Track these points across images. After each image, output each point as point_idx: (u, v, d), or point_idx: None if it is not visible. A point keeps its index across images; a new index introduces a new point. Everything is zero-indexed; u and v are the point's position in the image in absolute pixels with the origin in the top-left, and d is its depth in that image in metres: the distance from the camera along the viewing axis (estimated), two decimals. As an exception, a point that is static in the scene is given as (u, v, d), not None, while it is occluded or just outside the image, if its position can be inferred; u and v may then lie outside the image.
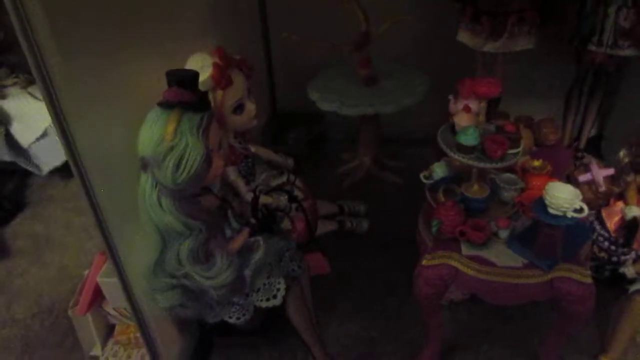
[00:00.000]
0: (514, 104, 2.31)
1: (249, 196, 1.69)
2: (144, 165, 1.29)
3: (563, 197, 1.25)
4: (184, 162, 1.25)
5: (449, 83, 1.62)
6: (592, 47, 2.03)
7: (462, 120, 1.50)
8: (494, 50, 2.11)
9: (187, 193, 1.32)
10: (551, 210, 1.28)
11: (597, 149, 2.38)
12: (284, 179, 1.88)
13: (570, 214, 1.26)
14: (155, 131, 1.25)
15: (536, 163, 1.56)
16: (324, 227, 2.03)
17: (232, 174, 1.69)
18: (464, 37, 2.15)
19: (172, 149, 1.24)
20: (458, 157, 1.45)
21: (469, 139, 1.42)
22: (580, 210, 1.25)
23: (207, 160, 1.28)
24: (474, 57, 2.23)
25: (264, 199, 1.75)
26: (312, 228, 1.84)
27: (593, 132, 2.39)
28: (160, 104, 1.28)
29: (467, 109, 1.50)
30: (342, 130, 2.72)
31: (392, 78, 2.31)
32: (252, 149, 1.79)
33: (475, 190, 1.50)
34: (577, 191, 1.26)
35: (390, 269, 2.01)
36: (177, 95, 1.28)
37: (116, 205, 1.32)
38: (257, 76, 2.53)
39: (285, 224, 1.79)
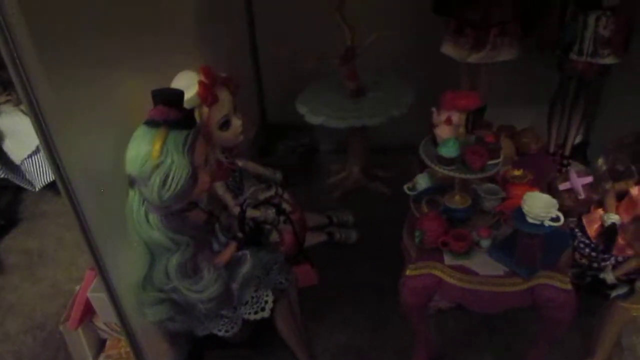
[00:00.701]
0: (498, 113, 2.35)
1: (236, 210, 1.71)
2: (131, 182, 1.33)
3: (540, 206, 1.29)
4: (169, 179, 1.27)
5: (435, 94, 1.65)
6: (574, 56, 2.07)
7: (443, 132, 1.54)
8: (477, 62, 2.15)
9: (174, 209, 1.35)
10: (529, 219, 1.31)
11: (583, 155, 2.42)
12: (272, 192, 1.90)
13: (547, 223, 1.29)
14: (141, 149, 1.28)
15: (516, 173, 1.59)
16: (313, 239, 2.06)
17: (220, 189, 1.72)
18: (448, 49, 2.19)
19: (158, 166, 1.27)
20: (439, 169, 1.49)
21: (449, 150, 1.46)
22: (557, 218, 1.29)
23: (193, 176, 1.31)
24: (459, 68, 2.27)
25: (251, 213, 1.78)
26: (300, 240, 1.87)
27: (579, 139, 2.43)
28: (147, 123, 1.32)
29: (448, 121, 1.54)
30: (332, 141, 2.76)
31: (380, 90, 2.34)
32: (240, 163, 1.82)
33: (457, 201, 1.53)
34: (553, 200, 1.29)
35: (379, 279, 2.04)
36: (163, 114, 1.31)
37: (104, 221, 1.35)
38: (246, 89, 2.58)
39: (274, 237, 1.82)
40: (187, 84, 1.52)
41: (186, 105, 1.49)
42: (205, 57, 1.93)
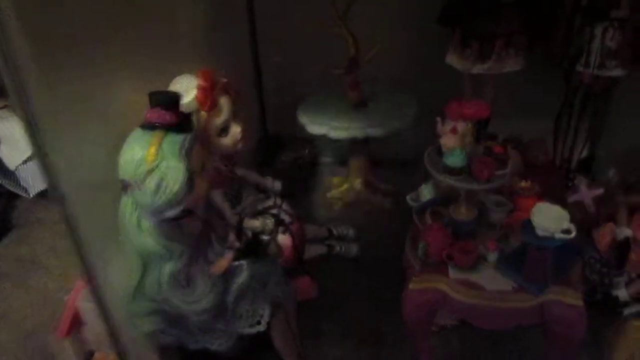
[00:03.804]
0: (504, 125, 2.29)
1: (234, 220, 1.66)
2: (125, 187, 1.27)
3: (551, 218, 1.23)
4: (164, 184, 1.22)
5: (439, 105, 1.61)
6: (580, 68, 2.03)
7: (449, 142, 1.49)
8: (482, 72, 2.12)
9: (169, 216, 1.29)
10: (539, 232, 1.26)
11: (588, 170, 2.36)
12: (270, 202, 1.85)
13: (558, 235, 1.24)
14: (136, 152, 1.23)
15: (524, 184, 1.54)
16: (313, 251, 2.00)
17: (218, 198, 1.66)
18: (452, 59, 2.16)
19: (152, 170, 1.22)
20: (445, 179, 1.43)
21: (455, 160, 1.41)
22: (568, 231, 1.23)
23: (189, 182, 1.26)
24: (463, 79, 2.23)
25: (249, 223, 1.72)
26: (299, 252, 1.81)
27: (585, 153, 2.37)
28: (142, 126, 1.27)
29: (454, 130, 1.49)
30: (334, 153, 2.71)
31: (383, 101, 2.30)
32: (239, 172, 1.77)
33: (462, 213, 1.48)
34: (565, 212, 1.24)
35: (380, 293, 1.97)
36: (160, 117, 1.26)
37: (96, 229, 1.29)
38: (248, 99, 2.55)
39: (272, 248, 1.76)
40: (186, 87, 1.48)
41: (184, 109, 1.46)
42: (205, 63, 1.90)
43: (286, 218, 1.82)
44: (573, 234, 1.23)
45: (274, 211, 1.82)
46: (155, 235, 1.29)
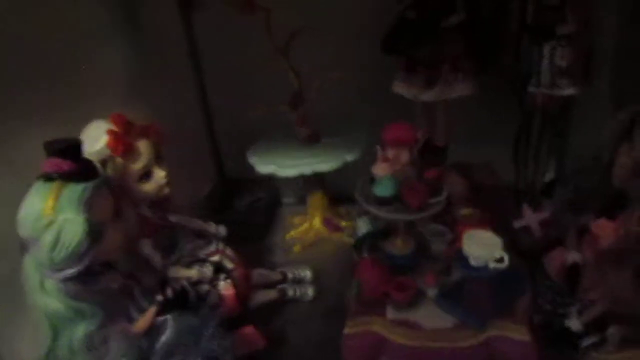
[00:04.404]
0: (462, 153, 2.23)
1: (165, 270, 1.56)
2: (25, 245, 1.18)
3: (480, 245, 1.13)
4: (61, 239, 1.13)
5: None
6: (532, 89, 1.97)
7: (379, 170, 1.40)
8: (431, 99, 2.05)
9: (71, 274, 1.19)
10: (472, 262, 1.15)
11: (552, 193, 2.26)
12: (212, 248, 1.75)
13: (492, 265, 1.13)
14: (34, 207, 1.15)
15: (465, 211, 1.44)
16: (262, 297, 1.88)
17: (146, 247, 1.56)
18: (399, 88, 2.09)
19: (50, 225, 1.13)
20: (374, 210, 1.33)
21: (384, 189, 1.32)
22: (501, 259, 1.12)
23: (92, 235, 1.17)
24: (414, 107, 2.16)
25: (184, 272, 1.62)
26: (243, 300, 1.70)
27: (550, 175, 2.27)
28: (41, 177, 1.19)
29: (384, 158, 1.40)
30: (294, 193, 2.62)
31: (335, 135, 2.23)
32: (173, 218, 1.67)
33: (399, 246, 1.38)
34: (496, 238, 1.14)
35: (338, 336, 1.83)
36: (56, 166, 1.18)
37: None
38: (198, 142, 2.48)
39: (212, 298, 1.65)
40: (98, 133, 1.40)
41: (96, 156, 1.38)
42: (140, 110, 1.84)
43: (229, 265, 1.72)
44: (505, 263, 1.12)
45: (216, 258, 1.73)
46: (60, 296, 1.19)
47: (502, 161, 2.20)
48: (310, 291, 1.98)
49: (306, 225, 2.37)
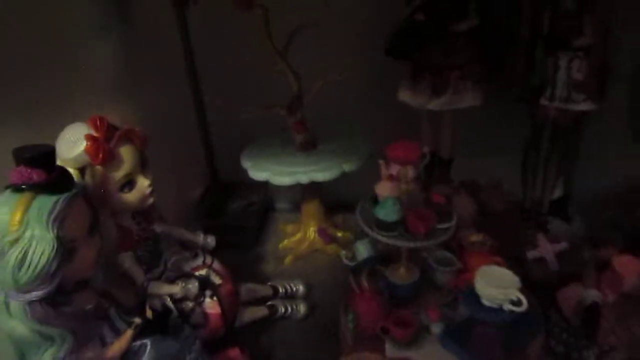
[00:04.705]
0: (467, 166, 2.12)
1: (146, 286, 1.44)
2: (-13, 262, 1.06)
3: (496, 285, 1.01)
4: (28, 257, 1.02)
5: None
6: (545, 102, 1.85)
7: (383, 190, 1.29)
8: (438, 108, 1.92)
9: (38, 296, 1.07)
10: (485, 302, 1.03)
11: (564, 211, 2.14)
12: (199, 262, 1.64)
13: (506, 307, 1.01)
14: (-1, 220, 1.02)
15: (474, 238, 1.32)
16: (252, 314, 1.76)
17: (127, 261, 1.44)
18: (405, 95, 1.97)
19: (16, 241, 1.02)
20: (377, 236, 1.22)
21: (387, 213, 1.20)
22: (519, 302, 1.00)
23: (63, 253, 1.05)
24: (420, 117, 2.04)
25: (167, 289, 1.50)
26: (229, 319, 1.58)
27: (558, 192, 2.16)
28: (10, 187, 1.07)
29: (390, 177, 1.28)
30: (289, 199, 2.51)
31: (333, 142, 2.12)
32: (158, 229, 1.55)
33: (402, 275, 1.26)
34: (515, 278, 1.02)
35: (331, 358, 1.72)
36: (24, 176, 1.06)
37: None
38: (192, 145, 2.35)
39: (196, 317, 1.53)
40: (76, 137, 1.28)
41: (73, 163, 1.26)
42: (130, 109, 1.72)
43: (216, 280, 1.61)
44: (524, 307, 1.00)
45: (202, 272, 1.61)
46: (26, 319, 1.07)
47: (509, 176, 2.09)
48: (302, 308, 1.86)
49: (300, 235, 2.25)
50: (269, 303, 1.85)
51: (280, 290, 1.93)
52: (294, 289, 1.95)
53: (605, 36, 1.80)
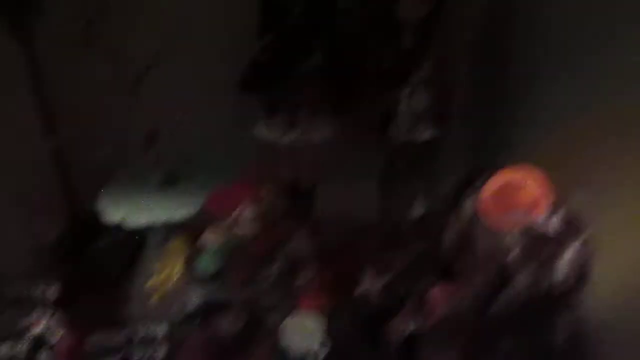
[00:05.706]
0: (330, 195, 2.17)
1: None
2: None
3: (301, 335, 1.02)
4: None
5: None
6: (391, 132, 1.94)
7: (209, 238, 1.27)
8: (292, 142, 1.97)
9: None
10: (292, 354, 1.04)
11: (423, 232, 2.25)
12: (31, 319, 1.54)
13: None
14: None
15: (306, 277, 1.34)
16: (100, 367, 1.68)
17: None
18: (261, 130, 2.00)
19: None
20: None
21: (206, 265, 1.19)
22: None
23: None
24: (276, 150, 2.07)
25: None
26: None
27: (419, 211, 2.26)
28: None
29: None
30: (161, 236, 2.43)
31: (194, 179, 2.09)
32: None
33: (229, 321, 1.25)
34: (316, 324, 1.03)
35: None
36: None
37: None
38: (44, 176, 2.21)
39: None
40: None
41: None
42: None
43: (54, 336, 1.52)
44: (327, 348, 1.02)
45: (37, 329, 1.52)
46: None
47: (371, 199, 2.17)
48: (160, 352, 1.80)
49: (167, 273, 2.19)
50: (123, 353, 1.77)
51: (139, 336, 1.86)
52: (153, 333, 1.88)
53: (444, 67, 1.93)
